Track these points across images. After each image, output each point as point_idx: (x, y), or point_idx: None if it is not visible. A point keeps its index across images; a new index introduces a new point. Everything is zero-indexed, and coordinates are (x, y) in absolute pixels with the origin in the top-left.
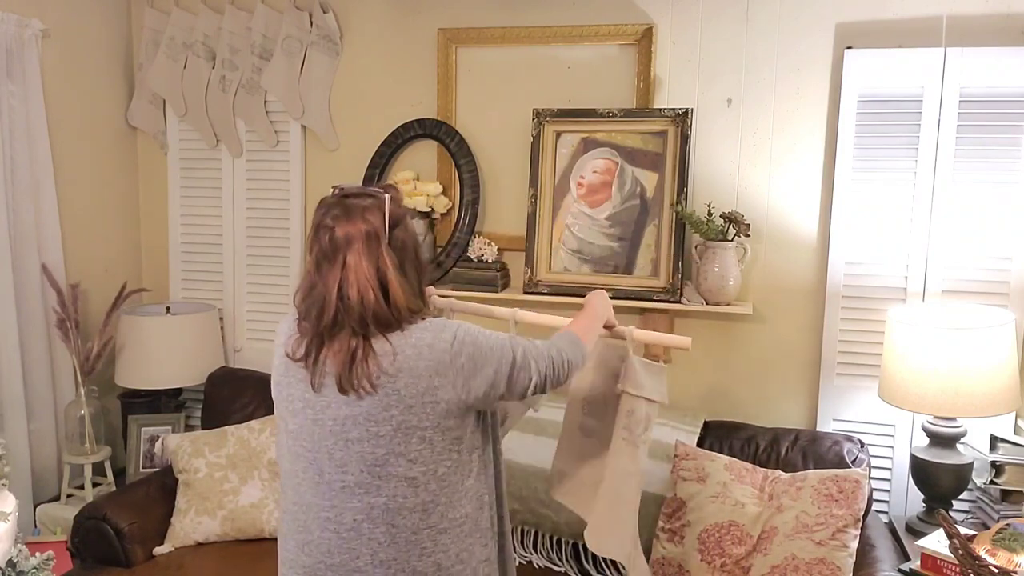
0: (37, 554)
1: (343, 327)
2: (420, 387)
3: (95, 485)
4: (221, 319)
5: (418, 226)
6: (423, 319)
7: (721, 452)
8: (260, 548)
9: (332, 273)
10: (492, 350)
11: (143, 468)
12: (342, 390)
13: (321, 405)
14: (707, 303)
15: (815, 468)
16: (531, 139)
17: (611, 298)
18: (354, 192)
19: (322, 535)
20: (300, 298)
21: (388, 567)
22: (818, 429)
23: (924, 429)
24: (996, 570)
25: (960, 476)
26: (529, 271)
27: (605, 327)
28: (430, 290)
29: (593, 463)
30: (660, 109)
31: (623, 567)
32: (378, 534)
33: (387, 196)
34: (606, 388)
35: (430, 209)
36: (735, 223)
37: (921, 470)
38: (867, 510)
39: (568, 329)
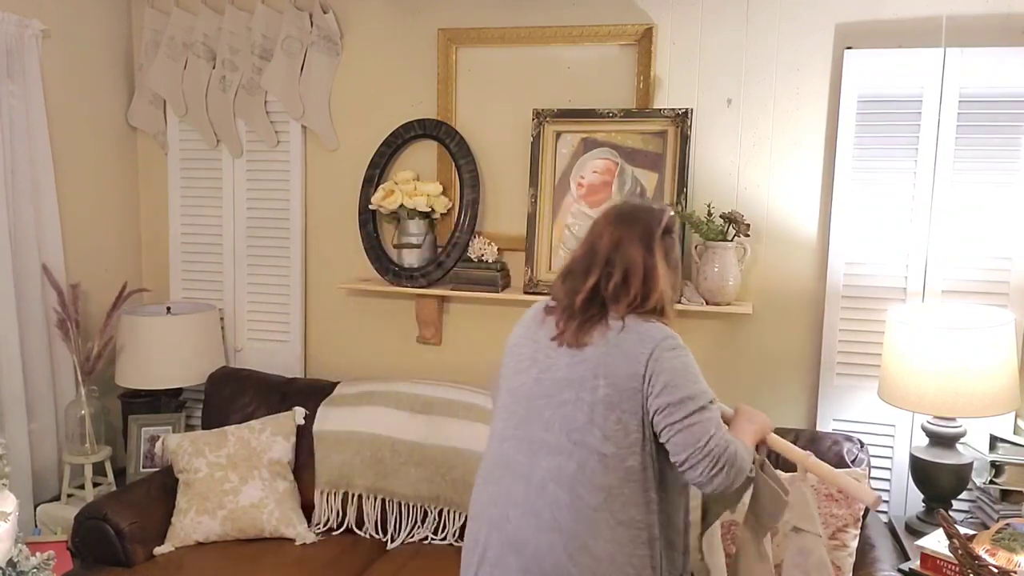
0: (37, 554)
1: (597, 297)
2: (627, 370)
3: (95, 485)
4: (221, 319)
5: (419, 226)
6: (664, 322)
7: None
8: (260, 548)
9: (601, 250)
10: (693, 398)
11: (143, 468)
12: (571, 343)
13: (547, 364)
14: (707, 303)
15: None
16: (531, 139)
17: None
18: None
19: (513, 486)
20: (568, 261)
21: (563, 534)
22: (818, 429)
23: (924, 429)
24: (996, 570)
25: (960, 476)
26: (529, 271)
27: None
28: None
29: None
30: (660, 109)
31: None
32: (562, 496)
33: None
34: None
35: (430, 209)
36: (735, 223)
37: (921, 470)
38: (867, 510)
39: (739, 437)
